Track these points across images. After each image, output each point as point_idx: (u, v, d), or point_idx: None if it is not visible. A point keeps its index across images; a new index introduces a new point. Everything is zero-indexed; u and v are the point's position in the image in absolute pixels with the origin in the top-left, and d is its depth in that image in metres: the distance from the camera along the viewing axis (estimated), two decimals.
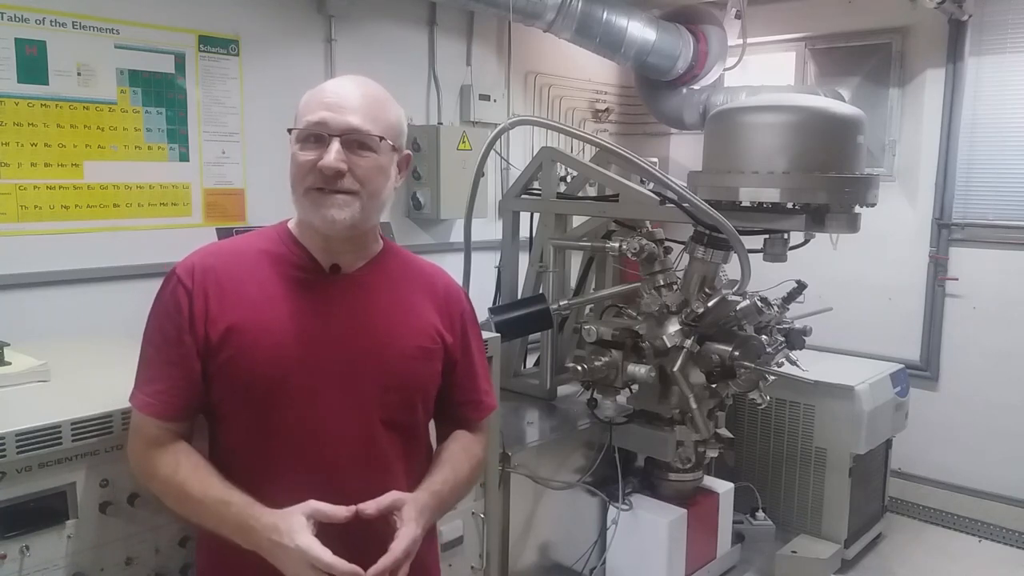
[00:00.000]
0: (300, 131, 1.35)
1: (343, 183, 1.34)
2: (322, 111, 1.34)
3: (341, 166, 1.32)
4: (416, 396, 1.47)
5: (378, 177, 1.38)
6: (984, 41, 4.03)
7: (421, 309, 1.50)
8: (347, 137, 1.34)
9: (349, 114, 1.34)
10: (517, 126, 3.53)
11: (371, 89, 1.41)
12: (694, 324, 2.68)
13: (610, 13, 3.93)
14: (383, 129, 1.37)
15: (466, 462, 1.54)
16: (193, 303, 1.35)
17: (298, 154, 1.36)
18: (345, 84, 1.40)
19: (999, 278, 4.05)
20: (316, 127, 1.33)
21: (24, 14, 2.62)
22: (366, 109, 1.36)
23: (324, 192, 1.34)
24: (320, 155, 1.33)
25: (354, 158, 1.34)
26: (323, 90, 1.38)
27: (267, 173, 3.25)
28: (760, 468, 3.71)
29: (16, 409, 1.54)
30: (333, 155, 1.32)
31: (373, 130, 1.35)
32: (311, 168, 1.34)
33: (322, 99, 1.36)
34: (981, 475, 4.13)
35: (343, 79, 1.42)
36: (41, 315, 2.71)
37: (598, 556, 3.02)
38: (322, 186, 1.34)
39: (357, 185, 1.35)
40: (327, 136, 1.33)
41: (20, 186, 2.67)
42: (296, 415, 1.36)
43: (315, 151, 1.34)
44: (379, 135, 1.36)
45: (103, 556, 1.56)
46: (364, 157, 1.35)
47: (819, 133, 2.66)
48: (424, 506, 1.39)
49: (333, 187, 1.34)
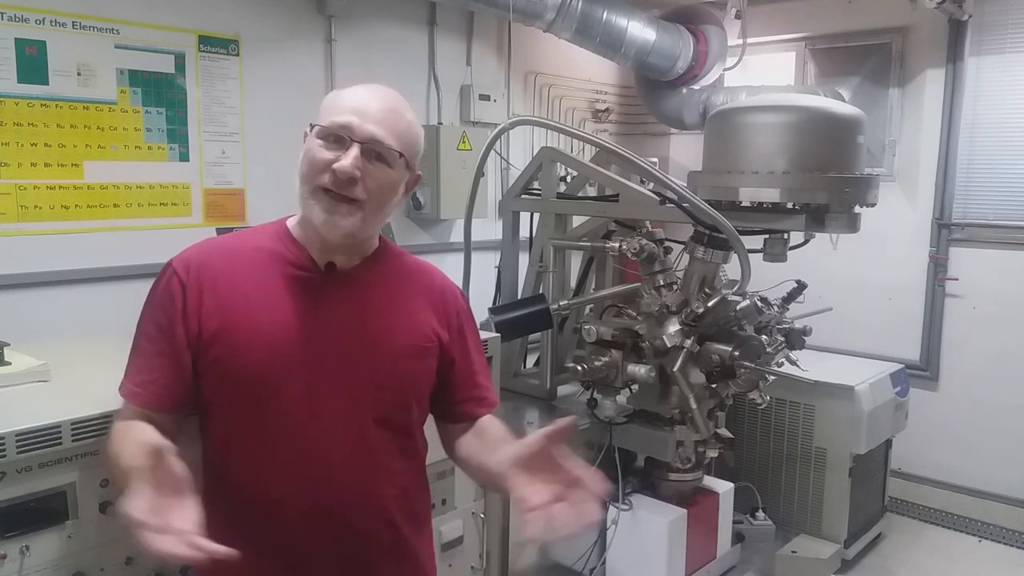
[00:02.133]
0: (323, 128, 1.35)
1: (353, 191, 1.33)
2: (349, 115, 1.34)
3: (356, 173, 1.32)
4: (410, 395, 1.47)
5: (387, 192, 1.39)
6: (984, 41, 4.03)
7: (416, 308, 1.49)
8: (367, 146, 1.34)
9: (374, 124, 1.34)
10: (517, 126, 3.53)
11: (399, 105, 1.41)
12: (694, 324, 2.68)
13: (610, 13, 3.93)
14: (403, 146, 1.38)
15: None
16: (187, 296, 1.35)
17: (316, 149, 1.34)
18: (376, 93, 1.39)
19: (999, 278, 4.05)
20: (340, 128, 1.33)
21: (24, 14, 2.62)
22: (391, 123, 1.36)
23: (332, 196, 1.34)
24: (337, 156, 1.32)
25: (369, 167, 1.34)
26: (353, 93, 1.38)
27: (267, 173, 3.25)
28: (760, 468, 3.71)
29: (16, 409, 1.54)
30: (351, 160, 1.31)
31: (394, 145, 1.36)
32: (326, 167, 1.33)
33: (351, 102, 1.36)
34: (981, 475, 4.13)
35: (375, 88, 1.41)
36: (41, 315, 2.71)
37: (598, 556, 3.01)
38: (332, 188, 1.34)
39: (365, 195, 1.35)
40: (348, 140, 1.33)
41: (20, 186, 2.67)
42: (288, 413, 1.36)
43: (333, 152, 1.33)
44: (399, 151, 1.37)
45: (103, 556, 1.56)
46: (379, 169, 1.35)
47: (819, 133, 2.66)
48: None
49: (343, 192, 1.33)
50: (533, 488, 1.22)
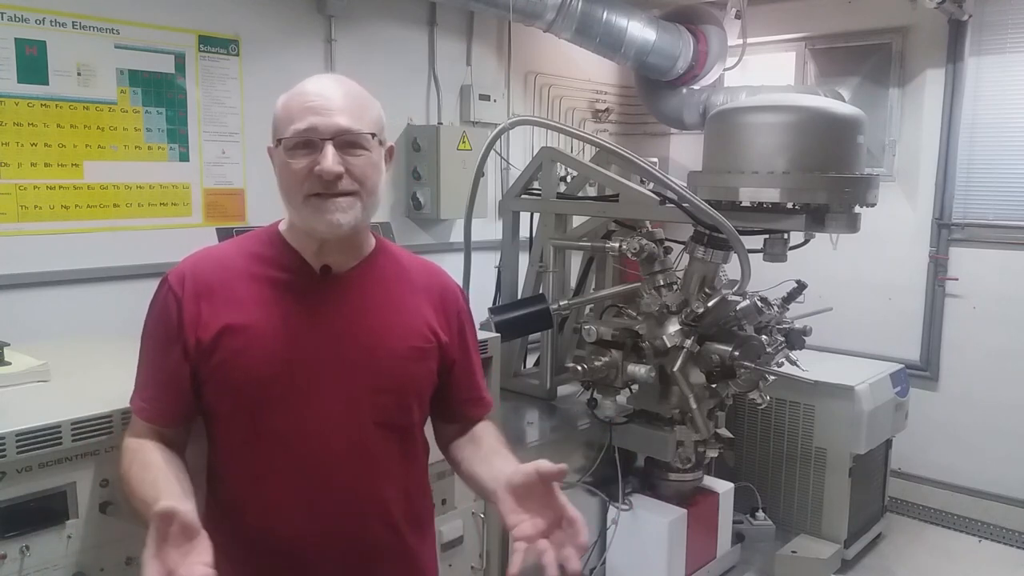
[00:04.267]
0: (288, 140, 1.32)
1: (342, 184, 1.32)
2: (310, 116, 1.31)
3: (339, 169, 1.30)
4: (411, 397, 1.46)
5: (374, 174, 1.37)
6: (984, 41, 4.03)
7: (415, 308, 1.48)
8: (339, 139, 1.31)
9: (337, 115, 1.31)
10: (517, 126, 3.54)
11: (350, 86, 1.38)
12: (694, 324, 2.68)
13: (610, 13, 3.93)
14: (370, 125, 1.36)
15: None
16: (183, 310, 1.35)
17: (290, 163, 1.32)
18: (325, 84, 1.37)
19: (999, 278, 4.05)
20: (306, 133, 1.31)
21: (24, 14, 2.62)
22: (352, 108, 1.34)
23: (324, 197, 1.32)
24: (314, 160, 1.30)
25: (348, 158, 1.32)
26: (304, 94, 1.35)
27: (267, 173, 3.19)
28: (760, 468, 3.71)
29: (16, 409, 1.54)
30: (330, 159, 1.29)
31: (363, 128, 1.34)
32: (307, 175, 1.31)
33: (305, 103, 1.33)
34: (981, 475, 4.13)
35: (318, 79, 1.39)
36: (41, 315, 2.71)
37: (598, 556, 3.02)
38: (321, 191, 1.31)
39: (356, 185, 1.33)
40: (319, 141, 1.31)
41: (20, 186, 2.67)
42: (288, 418, 1.35)
43: (307, 157, 1.31)
44: (369, 132, 1.35)
45: (103, 556, 1.56)
46: (358, 156, 1.33)
47: (819, 133, 2.66)
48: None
49: (334, 190, 1.31)
50: (521, 517, 1.24)
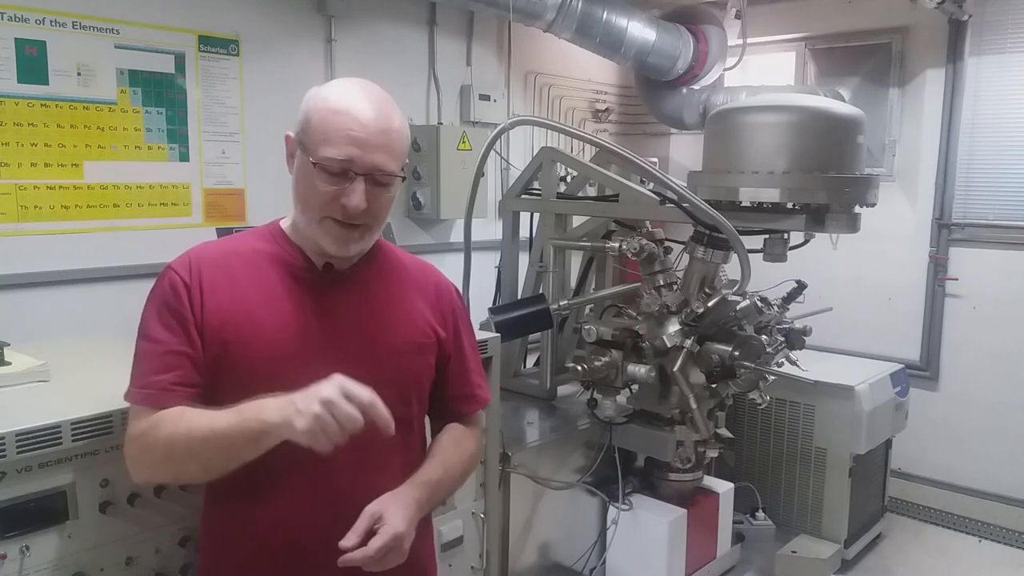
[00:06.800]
0: (324, 161, 1.33)
1: (361, 217, 1.37)
2: (349, 147, 1.33)
3: (365, 206, 1.35)
4: (411, 390, 1.49)
5: (389, 206, 1.42)
6: (984, 41, 4.03)
7: (413, 305, 1.52)
8: (370, 176, 1.35)
9: (374, 152, 1.34)
10: (517, 126, 3.53)
11: (389, 114, 1.38)
12: (694, 324, 2.68)
13: (610, 13, 3.93)
14: (400, 159, 1.40)
15: (456, 454, 1.55)
16: (191, 293, 1.36)
17: (319, 184, 1.34)
18: (365, 109, 1.35)
19: (999, 278, 4.05)
20: (343, 164, 1.33)
21: (24, 14, 2.62)
22: (388, 144, 1.36)
23: (343, 225, 1.37)
24: (342, 189, 1.34)
25: (374, 192, 1.36)
26: (347, 115, 1.34)
27: (267, 173, 3.24)
28: (760, 468, 3.71)
29: (16, 409, 1.54)
30: (359, 196, 1.34)
31: (395, 168, 1.38)
32: (333, 200, 1.35)
33: (346, 130, 1.33)
34: (981, 475, 4.13)
35: (360, 96, 1.37)
36: (41, 315, 2.71)
37: (598, 556, 3.02)
38: (341, 219, 1.36)
39: (372, 219, 1.39)
40: (352, 173, 1.34)
41: (20, 186, 2.67)
42: None
43: (336, 184, 1.34)
44: (399, 170, 1.39)
45: (103, 556, 1.56)
46: (382, 192, 1.38)
47: (819, 133, 2.66)
48: (409, 500, 1.38)
49: (353, 221, 1.37)
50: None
